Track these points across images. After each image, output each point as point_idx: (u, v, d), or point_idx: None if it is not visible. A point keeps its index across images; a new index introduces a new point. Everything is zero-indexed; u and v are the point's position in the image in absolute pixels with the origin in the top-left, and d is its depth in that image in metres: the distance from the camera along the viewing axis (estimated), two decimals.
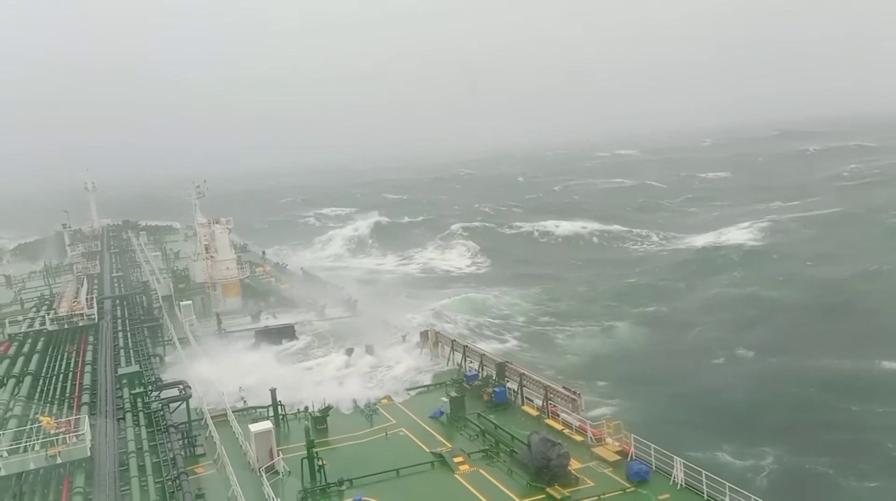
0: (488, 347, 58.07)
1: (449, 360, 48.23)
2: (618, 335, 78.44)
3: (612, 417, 35.60)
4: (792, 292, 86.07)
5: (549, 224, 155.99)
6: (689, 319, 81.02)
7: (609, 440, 33.85)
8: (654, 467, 30.84)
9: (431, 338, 51.30)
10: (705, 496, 28.47)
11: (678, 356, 68.93)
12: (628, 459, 31.61)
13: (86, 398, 40.22)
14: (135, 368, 44.83)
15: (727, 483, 27.67)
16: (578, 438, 34.77)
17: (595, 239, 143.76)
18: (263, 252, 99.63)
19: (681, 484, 29.55)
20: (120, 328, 57.85)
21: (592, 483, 30.44)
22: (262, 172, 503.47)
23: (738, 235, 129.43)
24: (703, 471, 28.85)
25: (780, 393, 57.16)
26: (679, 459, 30.18)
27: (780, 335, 71.71)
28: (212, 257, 70.46)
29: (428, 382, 44.93)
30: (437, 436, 36.87)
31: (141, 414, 37.94)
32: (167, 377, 45.09)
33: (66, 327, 55.94)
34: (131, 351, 50.99)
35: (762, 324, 76.09)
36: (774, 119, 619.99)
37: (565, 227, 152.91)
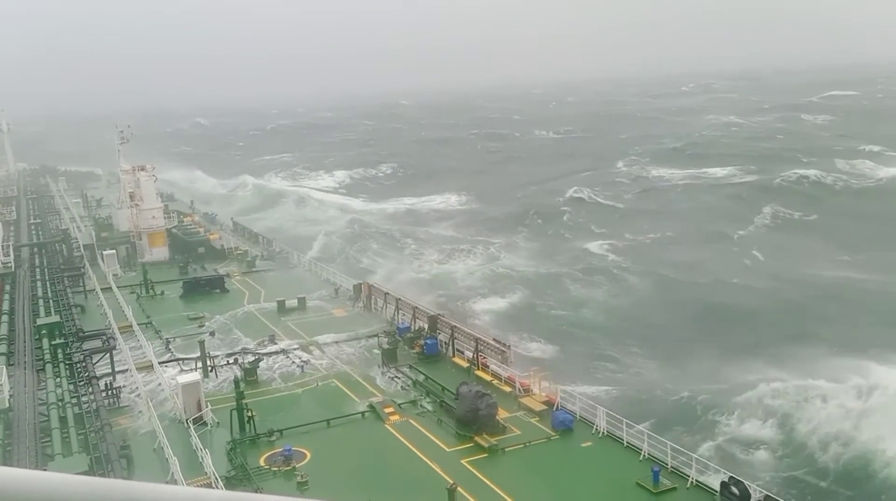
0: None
1: (382, 312, 48.41)
2: None
3: (539, 368, 36.54)
4: None
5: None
6: None
7: (536, 390, 34.86)
8: (578, 416, 32.00)
9: (365, 291, 51.25)
10: (625, 443, 29.78)
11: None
12: (554, 409, 32.64)
13: (2, 348, 38.73)
14: (55, 318, 43.38)
15: (646, 431, 29.01)
16: (507, 389, 35.66)
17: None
18: (192, 201, 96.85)
19: (603, 433, 30.79)
20: (39, 277, 55.63)
21: (519, 432, 31.39)
22: None
23: None
24: (624, 420, 30.13)
25: None
26: (602, 409, 31.43)
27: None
28: (137, 205, 67.99)
29: (360, 334, 45.02)
30: (368, 387, 37.19)
31: (62, 365, 36.85)
32: (89, 327, 43.71)
33: None
34: (51, 301, 49.16)
35: None
36: None
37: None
